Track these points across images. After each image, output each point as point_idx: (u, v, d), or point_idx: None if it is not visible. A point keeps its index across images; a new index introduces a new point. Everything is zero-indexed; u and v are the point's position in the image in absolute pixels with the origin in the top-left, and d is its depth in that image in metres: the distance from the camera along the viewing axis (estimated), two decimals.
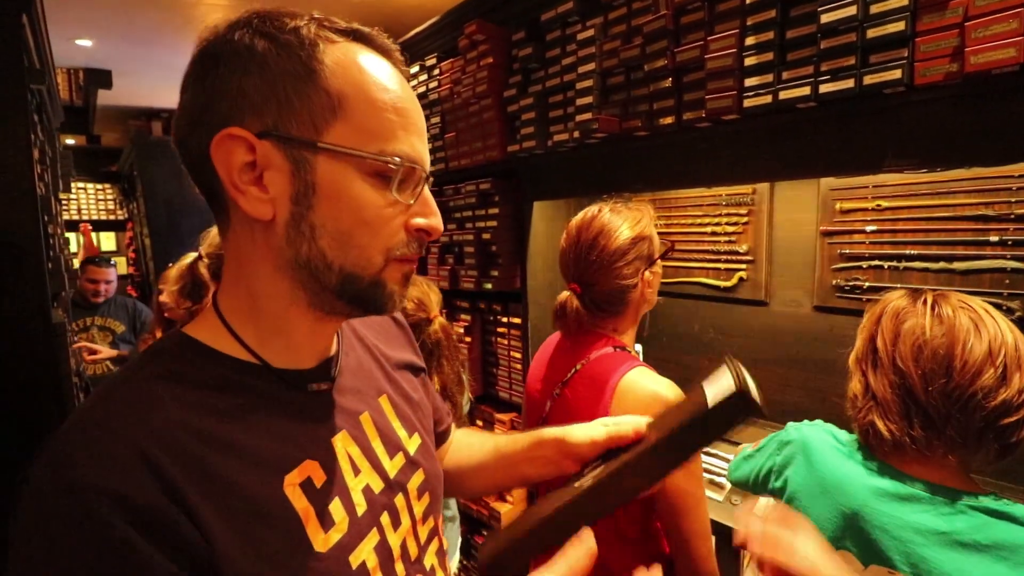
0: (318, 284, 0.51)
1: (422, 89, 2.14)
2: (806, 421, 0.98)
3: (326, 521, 0.52)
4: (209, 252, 1.57)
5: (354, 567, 0.53)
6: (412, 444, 0.67)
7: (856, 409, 0.84)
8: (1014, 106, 0.93)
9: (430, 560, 0.66)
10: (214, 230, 1.63)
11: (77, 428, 0.45)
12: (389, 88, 0.50)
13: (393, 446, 0.64)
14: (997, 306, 1.38)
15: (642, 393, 0.96)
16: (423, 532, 0.66)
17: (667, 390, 0.97)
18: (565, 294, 1.11)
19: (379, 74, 0.50)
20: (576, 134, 1.50)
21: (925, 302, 0.81)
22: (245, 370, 0.52)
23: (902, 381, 0.78)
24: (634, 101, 1.42)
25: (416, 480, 0.66)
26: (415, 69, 2.19)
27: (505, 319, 2.05)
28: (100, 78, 3.56)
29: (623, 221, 1.07)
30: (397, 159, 0.49)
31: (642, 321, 1.16)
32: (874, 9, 1.01)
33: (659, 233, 1.12)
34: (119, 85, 3.81)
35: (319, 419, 0.56)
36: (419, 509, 0.65)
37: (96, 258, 3.23)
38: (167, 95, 4.66)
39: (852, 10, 1.02)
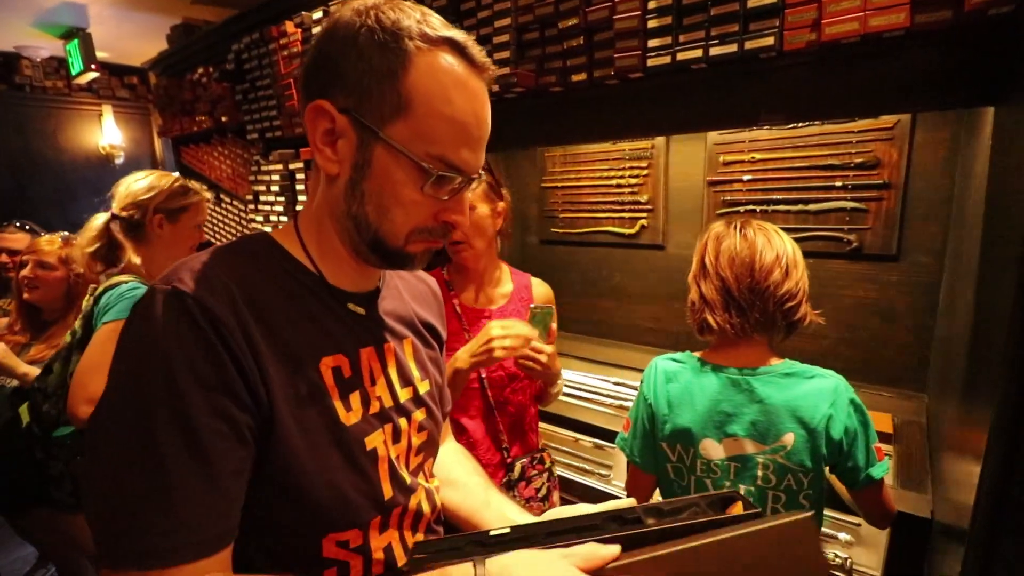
0: (358, 236, 0.63)
1: None
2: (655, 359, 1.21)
3: (346, 404, 0.62)
4: (122, 210, 1.45)
5: (367, 448, 0.63)
6: (422, 386, 0.76)
7: (694, 312, 1.12)
8: (856, 71, 1.15)
9: (418, 496, 0.71)
10: (123, 186, 1.51)
11: (188, 262, 0.58)
12: (453, 101, 0.57)
13: (405, 380, 0.73)
14: (838, 239, 1.70)
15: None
16: (413, 462, 0.73)
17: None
18: None
19: (449, 87, 0.57)
20: (495, 88, 1.56)
21: (735, 227, 1.08)
22: (305, 273, 0.65)
23: (722, 284, 1.05)
24: (549, 58, 1.50)
25: (419, 415, 0.74)
26: (318, 15, 2.09)
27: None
28: None
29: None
30: (433, 165, 0.58)
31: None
32: None
33: (570, 187, 1.23)
34: None
35: (353, 331, 0.66)
36: (416, 441, 0.73)
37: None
38: (8, 34, 3.92)
39: None
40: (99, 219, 1.51)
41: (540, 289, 1.50)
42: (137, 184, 1.50)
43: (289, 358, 0.58)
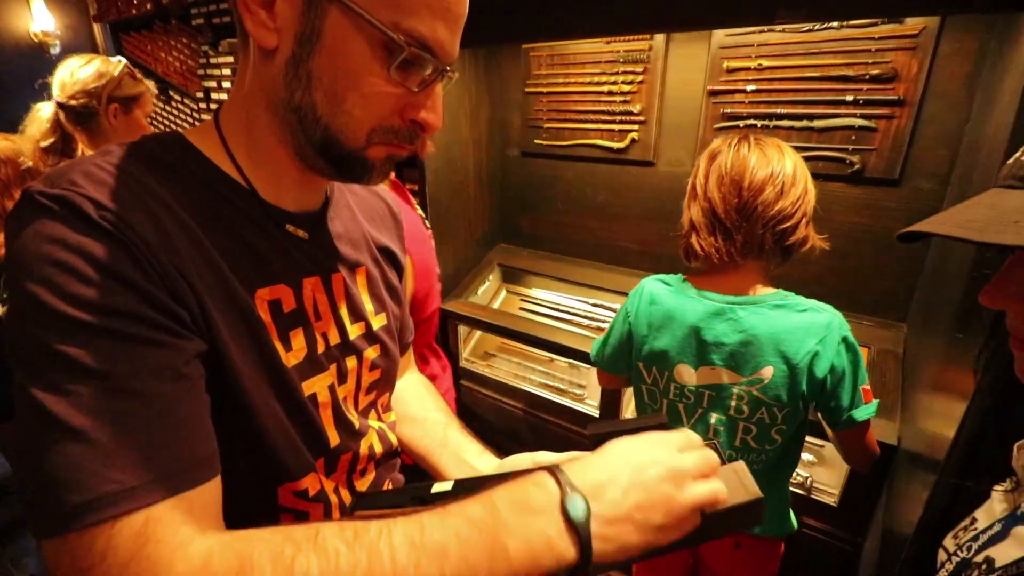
0: (304, 135, 0.50)
1: None
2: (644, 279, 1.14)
3: (287, 343, 0.53)
4: (70, 98, 1.28)
5: (306, 394, 0.55)
6: (376, 321, 0.67)
7: (682, 237, 1.05)
8: None
9: (368, 439, 0.66)
10: (66, 72, 1.33)
11: (78, 163, 0.44)
12: None
13: (357, 314, 0.64)
14: (841, 160, 1.59)
15: None
16: (363, 401, 0.67)
17: None
18: None
19: None
20: None
21: (731, 144, 0.97)
22: (231, 187, 0.52)
23: (709, 206, 0.97)
24: None
25: (372, 353, 0.65)
26: None
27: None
28: None
29: None
30: (404, 39, 0.45)
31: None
32: None
33: (556, 93, 1.06)
34: None
35: (294, 258, 0.56)
36: (366, 380, 0.66)
37: None
38: None
39: None
40: (46, 109, 1.37)
41: None
42: (83, 71, 1.36)
43: (221, 283, 0.47)
